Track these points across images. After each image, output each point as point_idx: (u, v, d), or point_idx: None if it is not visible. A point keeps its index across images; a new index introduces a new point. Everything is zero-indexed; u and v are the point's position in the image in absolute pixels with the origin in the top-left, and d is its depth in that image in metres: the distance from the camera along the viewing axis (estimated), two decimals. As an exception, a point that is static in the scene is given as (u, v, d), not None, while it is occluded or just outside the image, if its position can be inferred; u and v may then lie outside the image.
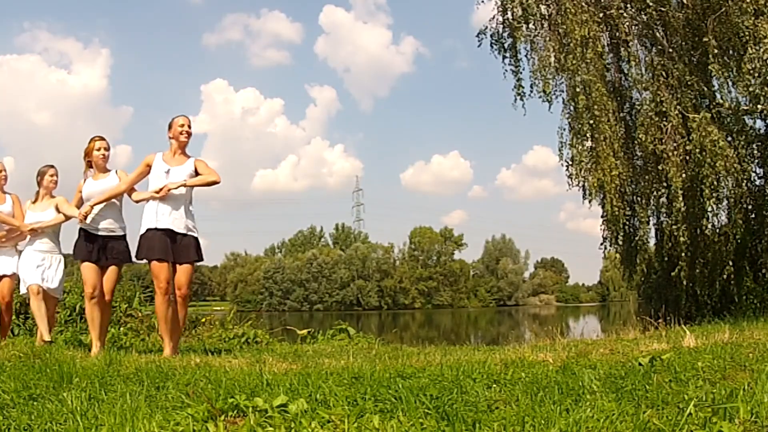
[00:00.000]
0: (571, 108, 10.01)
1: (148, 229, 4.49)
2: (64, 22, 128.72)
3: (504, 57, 10.90)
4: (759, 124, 10.26)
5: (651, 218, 11.02)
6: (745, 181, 9.70)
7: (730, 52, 9.24)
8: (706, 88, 9.75)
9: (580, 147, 9.87)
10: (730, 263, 10.12)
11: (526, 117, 11.63)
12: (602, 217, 10.55)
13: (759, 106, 9.01)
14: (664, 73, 9.70)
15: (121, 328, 6.73)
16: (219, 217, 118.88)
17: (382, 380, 2.64)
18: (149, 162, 4.70)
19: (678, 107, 9.38)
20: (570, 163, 10.12)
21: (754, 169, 10.43)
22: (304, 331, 7.02)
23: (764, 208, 10.40)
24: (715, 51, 8.90)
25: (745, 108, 9.61)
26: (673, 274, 10.27)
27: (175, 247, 4.49)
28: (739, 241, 10.07)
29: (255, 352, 4.94)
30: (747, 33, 8.48)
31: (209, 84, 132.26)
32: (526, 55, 10.66)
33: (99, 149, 4.98)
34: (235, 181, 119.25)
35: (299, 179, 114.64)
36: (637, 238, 11.03)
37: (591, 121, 9.50)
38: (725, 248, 10.27)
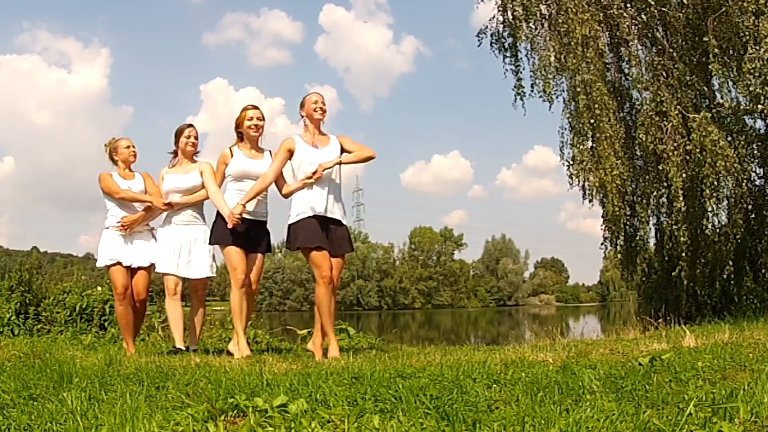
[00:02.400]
0: (572, 108, 10.02)
1: (302, 217, 4.12)
2: (63, 21, 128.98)
3: (504, 57, 10.92)
4: (759, 124, 10.26)
5: (651, 218, 11.03)
6: (745, 181, 9.70)
7: (731, 51, 9.24)
8: (706, 88, 9.75)
9: (581, 147, 9.87)
10: (730, 263, 10.11)
11: (527, 117, 11.68)
12: (602, 217, 10.55)
13: (759, 106, 9.01)
14: (664, 73, 9.70)
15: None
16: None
17: (382, 380, 2.64)
18: (290, 147, 4.28)
19: (678, 107, 9.38)
20: (571, 162, 10.12)
21: (754, 169, 10.43)
22: (305, 331, 7.01)
23: (764, 208, 10.40)
24: (716, 51, 8.90)
25: (746, 108, 9.61)
26: (673, 274, 10.28)
27: (330, 236, 4.15)
28: (739, 241, 10.07)
29: (255, 352, 4.94)
30: (747, 33, 8.48)
31: (209, 83, 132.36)
32: (526, 55, 10.69)
33: (251, 119, 4.44)
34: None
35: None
36: (637, 238, 11.04)
37: (592, 121, 9.51)
38: (725, 248, 10.26)
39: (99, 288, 7.39)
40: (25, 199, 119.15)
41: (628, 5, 9.97)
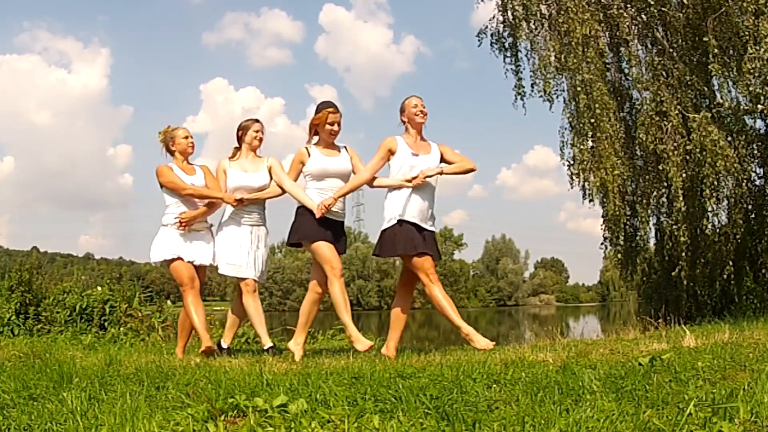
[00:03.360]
0: (572, 107, 10.01)
1: (400, 221, 4.09)
2: (63, 21, 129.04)
3: (504, 56, 10.91)
4: (759, 124, 10.25)
5: (651, 218, 11.02)
6: (745, 181, 9.70)
7: (731, 51, 9.24)
8: (706, 88, 9.75)
9: (582, 146, 9.87)
10: (730, 263, 10.12)
11: (527, 117, 11.73)
12: (603, 216, 10.54)
13: (759, 106, 9.01)
14: (664, 73, 9.70)
15: (121, 328, 6.73)
16: (219, 217, 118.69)
17: (382, 380, 2.64)
18: (391, 147, 4.22)
19: (678, 107, 9.38)
20: (571, 162, 10.12)
21: (754, 169, 10.42)
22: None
23: (764, 208, 10.40)
24: (716, 51, 8.89)
25: (746, 108, 9.60)
26: (673, 274, 10.27)
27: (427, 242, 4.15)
28: (739, 241, 10.08)
29: (255, 352, 4.94)
30: (747, 33, 8.48)
31: (209, 83, 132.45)
32: (526, 55, 10.68)
33: (333, 123, 4.29)
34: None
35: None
36: (637, 238, 11.03)
37: (592, 121, 9.50)
38: (725, 248, 10.27)
39: (99, 288, 7.40)
40: (25, 199, 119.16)
41: (629, 5, 9.96)
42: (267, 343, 4.36)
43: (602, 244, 10.95)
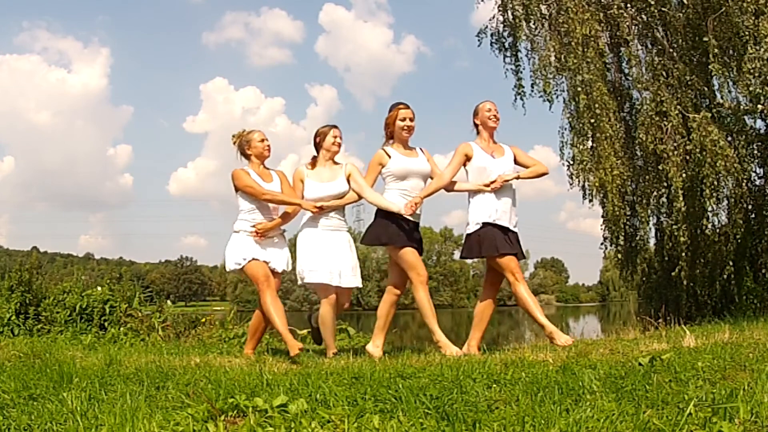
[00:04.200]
0: (572, 107, 10.01)
1: (485, 224, 4.16)
2: (63, 21, 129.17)
3: (504, 56, 10.90)
4: (759, 124, 10.25)
5: (651, 218, 11.01)
6: (745, 181, 9.70)
7: (731, 51, 9.24)
8: (706, 88, 9.75)
9: (581, 146, 9.86)
10: (730, 263, 10.11)
11: (527, 117, 11.65)
12: (603, 217, 10.54)
13: (759, 106, 9.01)
14: (664, 73, 9.70)
15: (121, 328, 6.73)
16: (219, 217, 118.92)
17: (382, 380, 2.64)
18: (467, 152, 4.29)
19: (678, 107, 9.38)
20: (571, 162, 10.12)
21: (754, 169, 10.42)
22: (305, 331, 7.00)
23: (764, 208, 10.40)
24: (716, 51, 8.89)
25: (746, 108, 9.60)
26: (673, 274, 10.26)
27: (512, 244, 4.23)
28: (739, 241, 10.06)
29: (255, 351, 4.94)
30: (747, 33, 8.47)
31: (209, 83, 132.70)
32: (526, 55, 10.67)
33: (404, 119, 4.32)
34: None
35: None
36: (637, 238, 11.03)
37: (592, 121, 9.50)
38: (725, 248, 10.26)
39: (99, 288, 7.39)
40: (25, 199, 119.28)
41: (629, 5, 9.96)
42: (334, 350, 4.32)
43: (602, 244, 10.96)
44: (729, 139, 9.59)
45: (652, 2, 9.55)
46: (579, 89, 9.57)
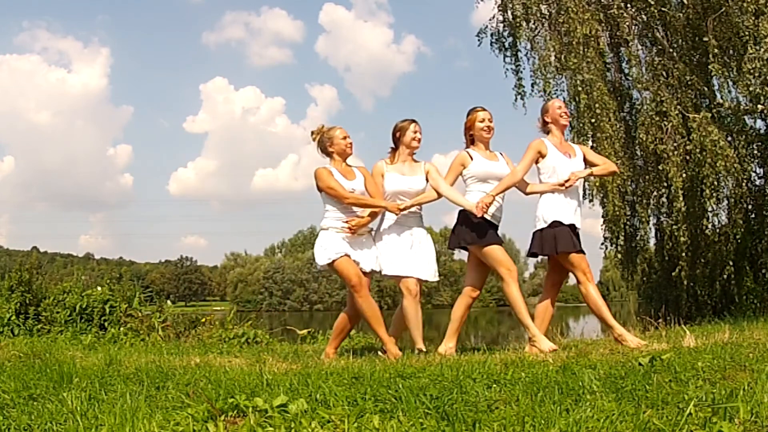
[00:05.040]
0: (572, 107, 10.01)
1: (555, 222, 4.17)
2: (63, 21, 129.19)
3: (504, 56, 10.91)
4: (759, 124, 10.26)
5: (651, 218, 11.02)
6: (745, 181, 9.71)
7: (731, 51, 9.25)
8: (706, 88, 9.75)
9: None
10: (730, 263, 10.12)
11: (527, 116, 11.62)
12: (603, 216, 10.54)
13: (759, 106, 9.02)
14: (664, 73, 9.71)
15: (121, 328, 6.73)
16: (219, 217, 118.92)
17: (382, 380, 2.64)
18: (541, 150, 4.30)
19: (678, 107, 9.39)
20: (571, 162, 10.11)
21: (754, 169, 10.43)
22: (304, 331, 7.02)
23: (764, 208, 10.40)
24: (716, 51, 8.90)
25: (746, 108, 9.61)
26: (673, 274, 10.27)
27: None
28: (739, 241, 10.07)
29: (255, 352, 4.94)
30: (747, 33, 8.48)
31: (209, 83, 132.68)
32: (526, 55, 10.68)
33: (483, 120, 4.34)
34: (235, 181, 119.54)
35: (300, 179, 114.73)
36: (637, 238, 11.04)
37: (593, 120, 9.50)
38: (725, 248, 10.27)
39: (99, 288, 7.39)
40: (25, 199, 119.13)
41: (629, 5, 9.97)
42: (420, 345, 4.22)
43: (602, 244, 10.96)
44: (729, 139, 9.59)
45: (652, 2, 9.56)
46: (579, 89, 9.57)
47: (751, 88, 8.51)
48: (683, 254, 9.77)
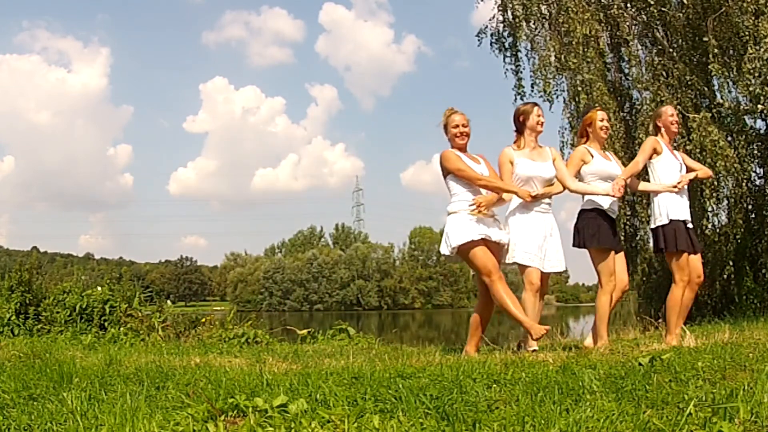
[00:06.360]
0: (572, 107, 10.01)
1: (672, 221, 4.26)
2: (63, 20, 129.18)
3: (504, 56, 10.91)
4: (759, 124, 10.25)
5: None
6: (745, 181, 9.70)
7: (731, 51, 9.24)
8: (706, 88, 9.75)
9: (581, 147, 9.86)
10: (730, 263, 10.11)
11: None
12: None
13: (759, 106, 9.00)
14: (664, 73, 9.70)
15: (121, 328, 6.72)
16: (219, 217, 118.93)
17: (382, 380, 2.64)
18: (656, 148, 4.42)
19: (678, 107, 9.36)
20: (571, 162, 10.11)
21: (754, 169, 10.42)
22: (304, 331, 7.01)
23: (764, 208, 10.40)
24: (715, 51, 8.89)
25: (745, 108, 9.60)
26: (673, 274, 10.25)
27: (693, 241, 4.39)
28: (739, 241, 10.07)
29: (255, 352, 4.94)
30: (747, 33, 8.48)
31: (209, 83, 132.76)
32: (526, 55, 10.69)
33: (603, 119, 4.43)
34: (235, 181, 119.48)
35: (299, 179, 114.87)
36: (637, 238, 11.03)
37: (592, 121, 9.49)
38: (725, 248, 10.26)
39: (99, 288, 7.39)
40: (25, 199, 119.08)
41: (629, 5, 9.97)
42: (533, 345, 4.05)
43: (603, 244, 10.92)
44: (729, 139, 9.59)
45: (652, 2, 9.55)
46: (579, 89, 9.57)
47: (751, 88, 8.50)
48: (683, 254, 9.74)
